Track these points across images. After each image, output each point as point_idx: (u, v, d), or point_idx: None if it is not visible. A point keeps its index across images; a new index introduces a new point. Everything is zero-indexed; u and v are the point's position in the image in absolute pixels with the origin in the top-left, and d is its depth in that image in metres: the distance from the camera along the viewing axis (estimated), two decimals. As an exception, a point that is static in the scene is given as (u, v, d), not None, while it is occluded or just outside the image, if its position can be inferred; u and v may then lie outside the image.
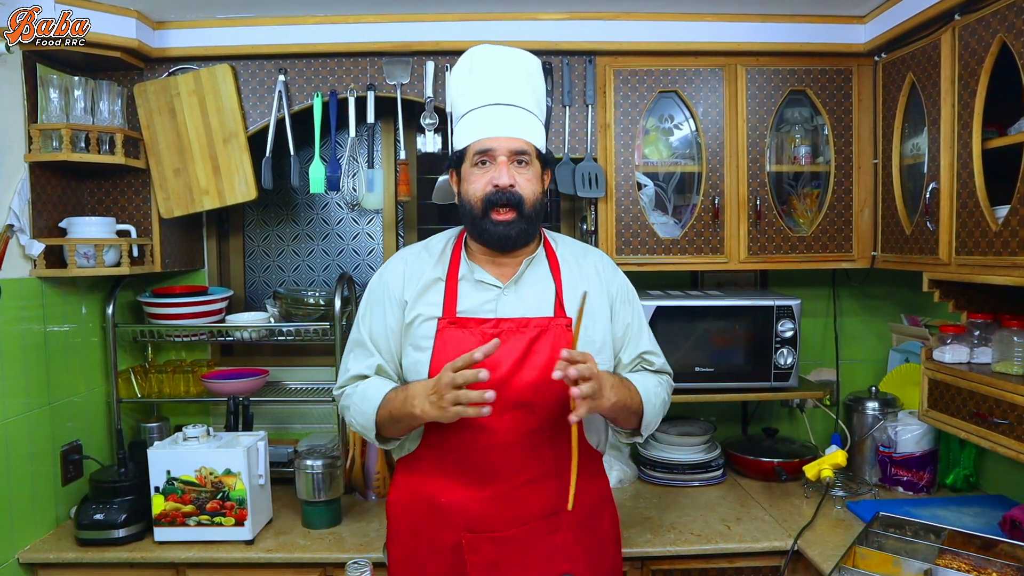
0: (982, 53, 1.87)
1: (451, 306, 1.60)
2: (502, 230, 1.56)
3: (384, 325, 1.66)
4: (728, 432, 2.84)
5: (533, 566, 1.59)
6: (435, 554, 1.61)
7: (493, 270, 1.64)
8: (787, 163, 2.51)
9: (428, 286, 1.63)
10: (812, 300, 2.79)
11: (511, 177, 1.55)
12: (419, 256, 1.70)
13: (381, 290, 1.68)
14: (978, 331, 2.04)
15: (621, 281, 1.74)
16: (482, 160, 1.57)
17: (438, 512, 1.61)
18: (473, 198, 1.58)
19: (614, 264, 1.78)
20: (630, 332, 1.71)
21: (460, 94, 1.64)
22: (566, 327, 1.59)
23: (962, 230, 1.96)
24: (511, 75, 1.61)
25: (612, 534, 1.76)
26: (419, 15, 2.33)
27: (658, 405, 1.66)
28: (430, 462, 1.63)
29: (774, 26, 2.38)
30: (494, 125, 1.56)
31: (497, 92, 1.59)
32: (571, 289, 1.64)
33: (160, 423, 2.60)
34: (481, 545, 1.57)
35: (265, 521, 2.23)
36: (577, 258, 1.71)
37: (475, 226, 1.60)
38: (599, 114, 2.41)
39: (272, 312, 2.56)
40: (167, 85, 2.35)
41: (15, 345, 2.10)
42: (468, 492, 1.59)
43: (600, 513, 1.71)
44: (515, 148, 1.56)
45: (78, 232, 2.23)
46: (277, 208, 2.88)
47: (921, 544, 1.91)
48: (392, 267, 1.70)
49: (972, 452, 2.40)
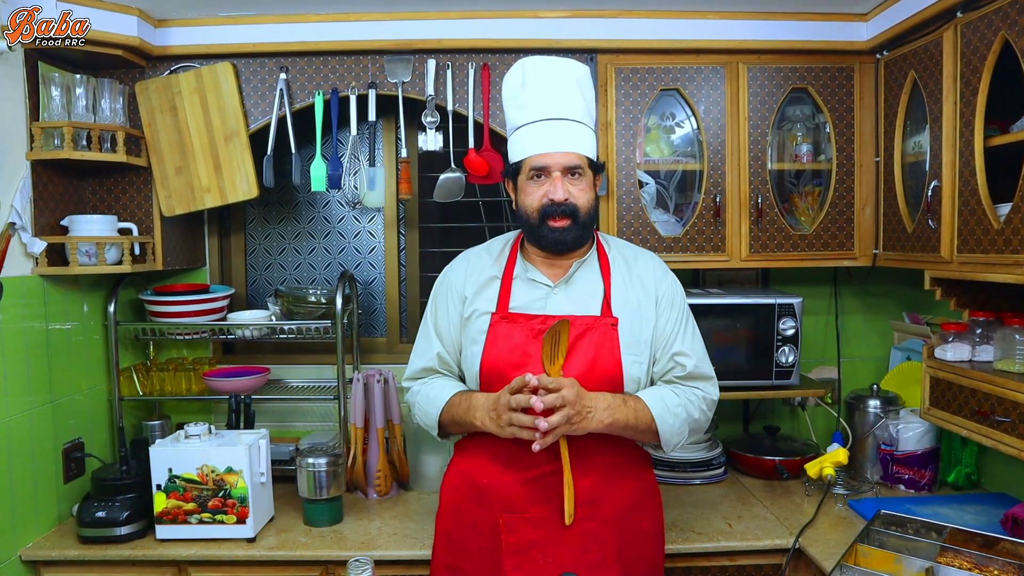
0: (984, 51, 1.86)
1: (504, 302, 1.71)
2: (558, 236, 1.66)
3: (447, 318, 1.79)
4: (729, 430, 2.84)
5: (566, 551, 1.63)
6: (476, 533, 1.70)
7: (546, 270, 1.74)
8: (788, 161, 2.51)
9: (486, 284, 1.74)
10: (814, 298, 2.79)
11: (566, 191, 1.64)
12: (480, 256, 1.82)
13: (445, 286, 1.82)
14: (980, 329, 2.04)
15: (670, 284, 1.78)
16: (537, 174, 1.66)
17: (480, 493, 1.70)
18: (530, 209, 1.67)
19: (665, 266, 1.82)
20: (671, 335, 1.74)
21: (513, 107, 1.72)
22: (611, 326, 1.67)
23: (964, 228, 1.96)
24: (562, 87, 1.67)
25: (653, 533, 1.79)
26: (420, 13, 2.33)
27: (678, 424, 1.66)
28: (476, 447, 1.74)
29: (776, 24, 2.38)
30: (548, 141, 1.64)
31: (550, 106, 1.66)
32: (619, 291, 1.72)
33: (162, 421, 2.60)
34: (517, 526, 1.65)
35: (267, 519, 2.24)
36: (628, 261, 1.78)
37: (532, 233, 1.70)
38: (600, 112, 2.40)
39: (273, 310, 2.56)
40: (168, 83, 2.35)
41: (17, 343, 2.10)
42: (507, 475, 1.67)
43: (642, 510, 1.75)
44: (569, 164, 1.65)
45: (80, 230, 2.23)
46: (278, 206, 2.89)
47: (923, 542, 1.90)
48: (456, 266, 1.84)
49: (974, 450, 2.40)
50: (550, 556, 1.63)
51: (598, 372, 1.63)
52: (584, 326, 1.66)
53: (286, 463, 2.49)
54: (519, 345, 1.66)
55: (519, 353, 1.65)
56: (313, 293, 2.57)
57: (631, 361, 1.67)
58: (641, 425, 1.62)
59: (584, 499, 1.65)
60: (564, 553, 1.64)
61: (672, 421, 1.65)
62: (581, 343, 1.64)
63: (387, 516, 2.29)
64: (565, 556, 1.63)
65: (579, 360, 1.63)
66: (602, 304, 1.69)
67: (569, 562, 1.63)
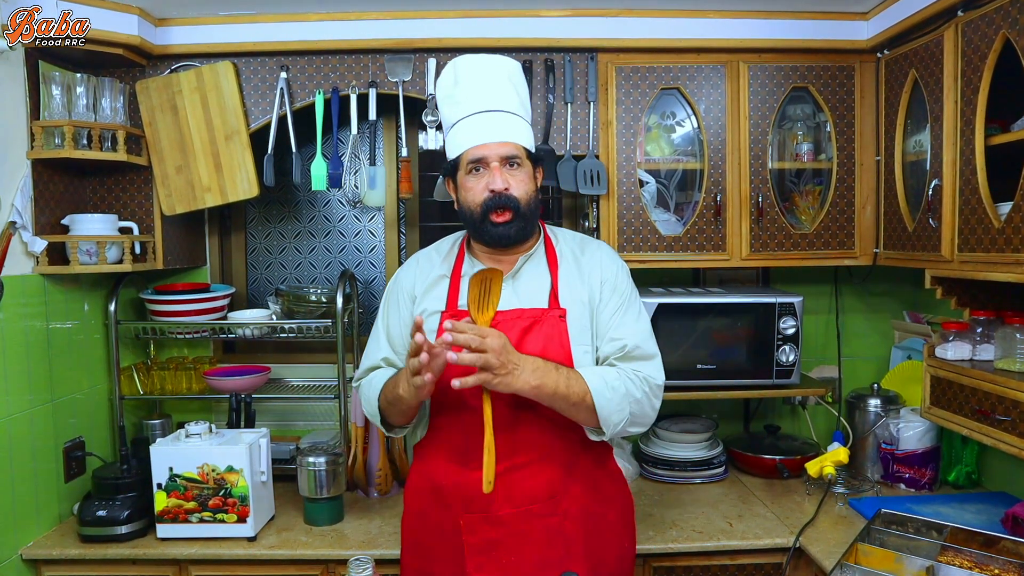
0: (985, 49, 1.86)
1: (453, 300, 1.70)
2: (501, 231, 1.64)
3: (398, 319, 1.77)
4: (730, 429, 2.84)
5: (530, 549, 1.62)
6: (440, 535, 1.68)
7: (492, 265, 1.71)
8: (789, 160, 2.51)
9: (435, 283, 1.74)
10: (814, 297, 2.79)
11: (505, 181, 1.62)
12: (429, 257, 1.82)
13: (396, 289, 1.81)
14: (980, 328, 2.04)
15: (616, 269, 1.75)
16: (476, 167, 1.65)
17: (441, 495, 1.68)
18: (472, 204, 1.66)
19: (614, 255, 1.80)
20: (611, 316, 1.70)
21: (448, 105, 1.71)
22: (559, 317, 1.66)
23: (964, 227, 1.96)
24: (495, 81, 1.68)
25: (619, 525, 1.77)
26: (421, 12, 2.32)
27: (617, 400, 1.58)
28: (434, 447, 1.73)
29: (776, 23, 2.38)
30: (484, 132, 1.64)
31: (483, 99, 1.66)
32: (567, 282, 1.71)
33: (162, 420, 2.60)
34: (478, 526, 1.63)
35: (267, 518, 2.24)
36: (575, 252, 1.77)
37: (476, 229, 1.69)
38: (601, 111, 2.40)
39: (274, 309, 2.56)
40: (169, 82, 2.35)
41: (18, 342, 2.10)
42: (466, 474, 1.64)
43: (606, 501, 1.74)
44: (506, 153, 1.64)
45: (80, 229, 2.23)
46: (279, 205, 2.89)
47: (923, 541, 1.90)
48: (406, 268, 1.83)
49: (974, 449, 2.40)
50: (514, 555, 1.62)
51: None
52: (532, 319, 1.65)
53: (287, 462, 2.49)
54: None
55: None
56: (314, 292, 2.57)
57: (581, 352, 1.65)
58: (573, 396, 1.54)
59: (544, 494, 1.63)
60: (528, 551, 1.62)
61: (610, 395, 1.57)
62: (530, 336, 1.63)
63: (388, 515, 2.29)
64: (529, 554, 1.62)
65: (529, 352, 1.60)
66: (549, 296, 1.68)
67: (534, 559, 1.61)
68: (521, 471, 1.63)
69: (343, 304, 2.43)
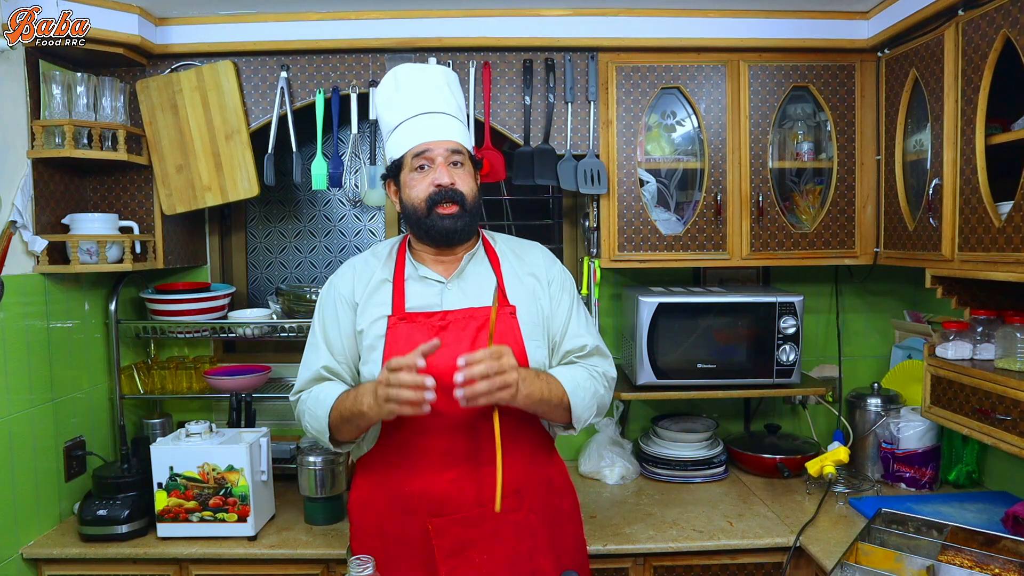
0: (985, 49, 1.86)
1: (399, 303, 1.69)
2: (448, 224, 1.65)
3: (337, 327, 1.73)
4: (730, 429, 2.84)
5: (502, 546, 1.63)
6: (404, 547, 1.65)
7: (436, 267, 1.73)
8: (790, 159, 2.51)
9: (377, 287, 1.72)
10: (814, 296, 2.79)
11: (451, 176, 1.64)
12: (367, 261, 1.79)
13: (333, 296, 1.77)
14: (981, 327, 2.04)
15: (559, 270, 1.81)
16: (421, 164, 1.65)
17: (403, 502, 1.65)
18: (416, 200, 1.66)
19: (552, 256, 1.85)
20: (567, 317, 1.75)
21: (389, 110, 1.72)
22: (510, 314, 1.68)
23: (965, 226, 1.96)
24: (433, 86, 1.71)
25: (572, 515, 1.81)
26: (422, 11, 2.32)
27: (588, 398, 1.65)
28: (393, 454, 1.68)
29: (777, 22, 2.37)
30: (427, 131, 1.66)
31: (425, 102, 1.68)
32: (512, 280, 1.73)
33: (163, 419, 2.60)
34: (448, 528, 1.62)
35: (268, 517, 2.24)
36: (515, 251, 1.80)
37: (420, 225, 1.68)
38: (601, 111, 2.40)
39: (274, 309, 2.56)
40: (169, 81, 2.35)
41: (18, 341, 2.10)
42: (432, 476, 1.63)
43: (559, 492, 1.77)
44: (451, 148, 1.66)
45: (81, 228, 2.23)
46: (279, 205, 2.89)
47: (924, 540, 1.90)
48: (341, 274, 1.80)
49: (975, 448, 2.40)
50: (486, 553, 1.62)
51: None
52: (484, 317, 1.65)
53: (287, 461, 2.49)
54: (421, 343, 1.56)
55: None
56: (314, 291, 2.57)
57: (534, 347, 1.67)
58: (554, 399, 1.59)
59: (510, 491, 1.63)
60: (499, 548, 1.62)
61: (583, 395, 1.63)
62: (484, 333, 1.63)
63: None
64: (501, 551, 1.62)
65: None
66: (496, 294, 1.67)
67: (505, 556, 1.62)
68: (485, 469, 1.61)
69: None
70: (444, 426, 1.61)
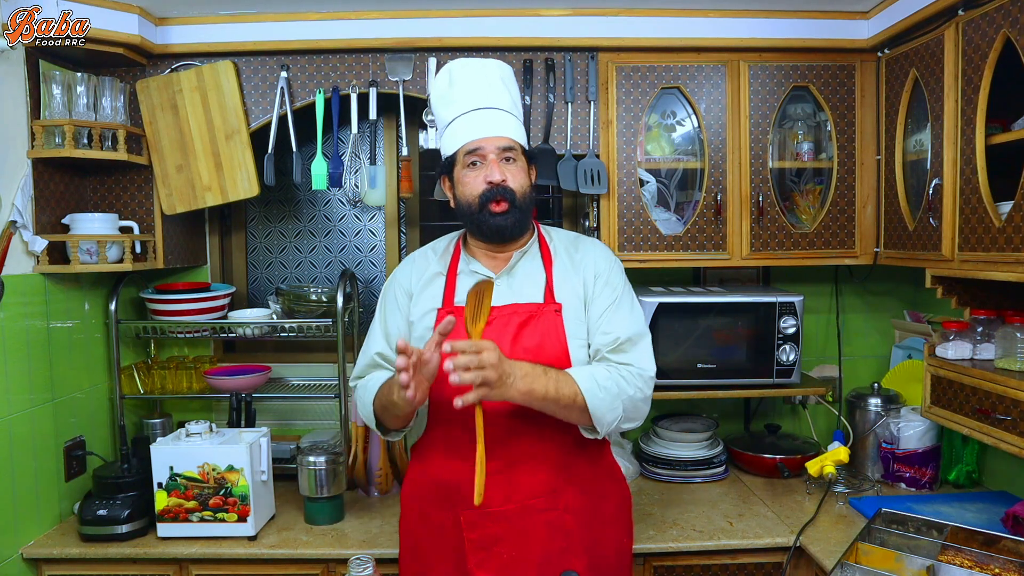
0: (985, 48, 1.86)
1: (449, 297, 1.71)
2: (499, 221, 1.66)
3: (396, 314, 1.78)
4: (730, 429, 2.84)
5: (531, 544, 1.63)
6: (440, 534, 1.69)
7: (488, 262, 1.74)
8: (790, 159, 2.51)
9: (431, 281, 1.75)
10: (814, 296, 2.79)
11: (502, 173, 1.65)
12: (425, 255, 1.83)
13: (394, 286, 1.81)
14: (981, 327, 2.04)
15: (609, 264, 1.76)
16: (473, 161, 1.67)
17: (441, 492, 1.69)
18: (470, 197, 1.68)
19: (608, 252, 1.80)
20: (604, 309, 1.70)
21: (443, 105, 1.74)
22: (555, 312, 1.67)
23: (965, 226, 1.96)
24: (488, 82, 1.71)
25: (617, 518, 1.78)
26: (421, 11, 2.32)
27: (609, 399, 1.57)
28: (435, 443, 1.73)
29: (777, 22, 2.37)
30: (480, 127, 1.67)
31: (478, 98, 1.69)
32: (561, 278, 1.72)
33: (163, 419, 2.60)
34: (479, 522, 1.63)
35: (268, 517, 2.24)
36: (568, 249, 1.78)
37: (473, 221, 1.70)
38: (601, 111, 2.40)
39: (274, 309, 2.56)
40: (169, 81, 2.35)
41: (18, 341, 2.10)
42: (466, 471, 1.62)
43: (603, 495, 1.75)
44: (503, 145, 1.67)
45: (81, 228, 2.23)
46: (279, 205, 2.89)
47: (924, 540, 1.90)
48: (403, 267, 1.85)
49: (975, 448, 2.40)
50: (515, 550, 1.62)
51: (545, 358, 1.60)
52: (528, 313, 1.66)
53: (287, 461, 2.49)
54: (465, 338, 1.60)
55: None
56: (314, 291, 2.57)
57: (577, 346, 1.66)
58: (564, 398, 1.53)
59: (544, 489, 1.65)
60: (529, 546, 1.63)
61: (602, 395, 1.55)
62: (526, 331, 1.64)
63: (388, 514, 2.29)
64: (530, 549, 1.62)
65: (525, 347, 1.62)
66: (544, 291, 1.69)
67: (535, 554, 1.62)
68: (521, 466, 1.64)
69: (343, 303, 2.43)
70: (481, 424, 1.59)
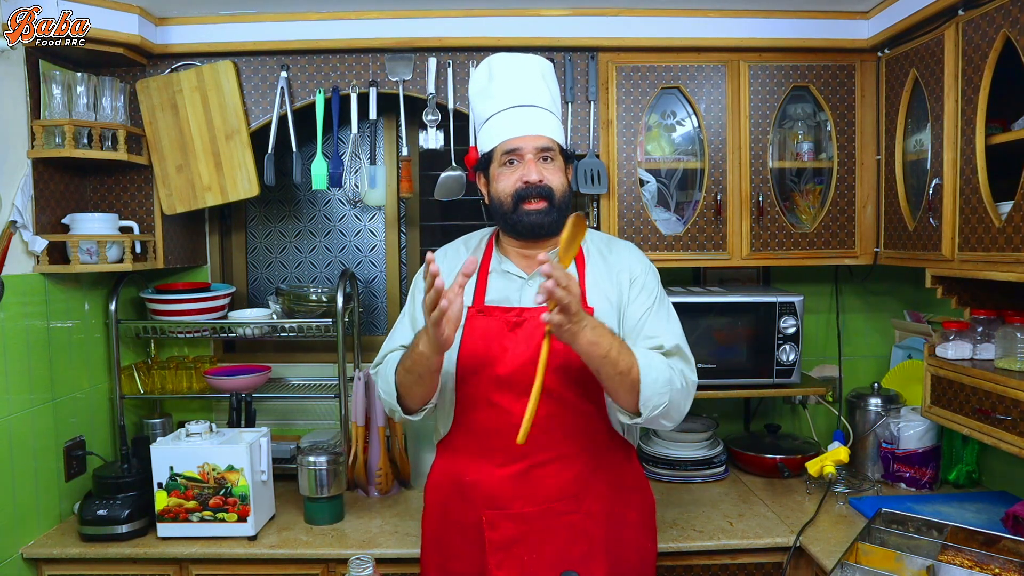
0: (986, 48, 1.86)
1: (480, 296, 1.70)
2: (535, 219, 1.64)
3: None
4: (730, 429, 2.84)
5: (551, 546, 1.63)
6: (461, 532, 1.69)
7: (520, 262, 1.72)
8: (790, 159, 2.51)
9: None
10: (815, 296, 2.79)
11: (539, 173, 1.63)
12: (457, 250, 1.82)
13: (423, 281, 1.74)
14: (981, 327, 2.04)
15: (644, 268, 1.74)
16: (510, 160, 1.66)
17: (464, 491, 1.68)
18: (503, 195, 1.66)
19: (641, 255, 1.80)
20: (643, 315, 1.67)
21: (482, 101, 1.73)
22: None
23: (965, 226, 1.96)
24: (528, 78, 1.70)
25: (640, 523, 1.78)
26: (421, 11, 2.32)
27: (662, 383, 1.52)
28: (460, 442, 1.72)
29: (777, 22, 2.37)
30: (519, 125, 1.65)
31: (518, 95, 1.68)
32: (594, 281, 1.71)
33: (163, 419, 2.60)
34: (500, 522, 1.64)
35: (268, 517, 2.24)
36: (602, 251, 1.77)
37: (507, 220, 1.68)
38: (601, 110, 2.40)
39: (274, 309, 2.56)
40: (169, 81, 2.35)
41: (18, 341, 2.10)
42: (490, 470, 1.65)
43: (627, 501, 1.74)
44: (541, 145, 1.65)
45: (81, 228, 2.23)
46: (279, 205, 2.89)
47: (924, 540, 1.90)
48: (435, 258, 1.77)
49: (975, 448, 2.40)
50: (535, 552, 1.62)
51: (576, 362, 1.56)
52: None
53: (287, 461, 2.49)
54: (495, 338, 1.63)
55: (496, 347, 1.63)
56: (314, 291, 2.57)
57: None
58: (621, 364, 1.48)
59: (567, 492, 1.64)
60: (549, 548, 1.62)
61: (655, 375, 1.51)
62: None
63: (388, 514, 2.29)
64: (550, 551, 1.62)
65: (555, 350, 1.55)
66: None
67: (555, 557, 1.61)
68: (544, 468, 1.63)
69: (343, 303, 2.43)
70: (509, 422, 1.57)
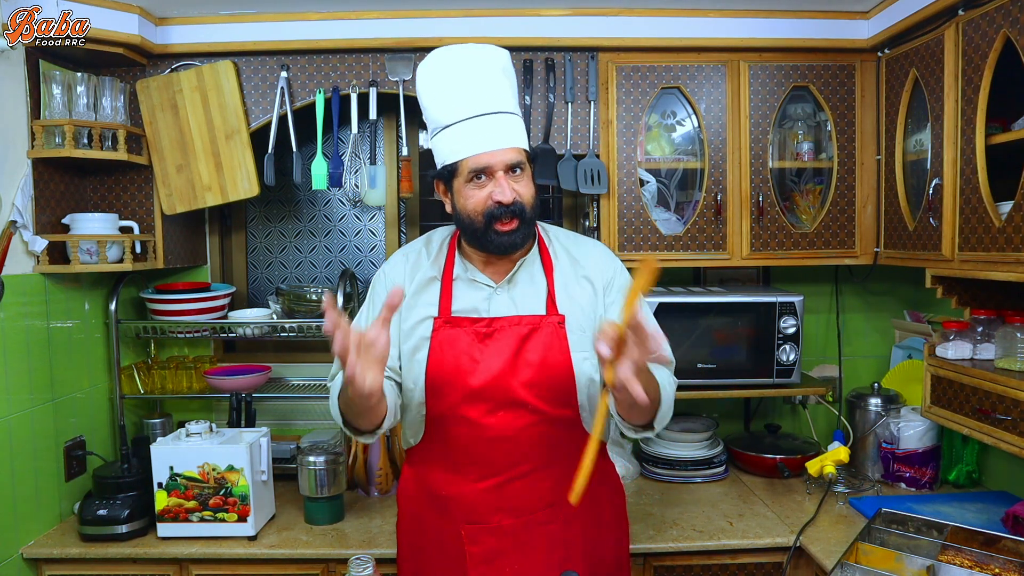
0: (985, 48, 1.86)
1: (447, 306, 1.61)
2: (507, 239, 1.53)
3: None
4: (730, 428, 2.84)
5: (532, 557, 1.61)
6: (439, 546, 1.66)
7: (487, 270, 1.63)
8: (790, 159, 2.51)
9: (425, 285, 1.64)
10: (815, 296, 2.79)
11: (512, 191, 1.51)
12: (419, 255, 1.69)
13: (385, 283, 1.68)
14: (981, 327, 2.04)
15: (617, 269, 1.69)
16: (478, 175, 1.52)
17: (440, 504, 1.65)
18: (473, 213, 1.53)
19: (610, 253, 1.73)
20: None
21: (436, 103, 1.55)
22: (558, 324, 1.59)
23: (965, 226, 1.96)
24: (490, 78, 1.54)
25: (615, 523, 1.76)
26: (421, 11, 2.32)
27: (671, 395, 1.53)
28: (432, 456, 1.66)
29: (777, 22, 2.37)
30: (486, 139, 1.50)
31: (481, 101, 1.52)
32: (563, 286, 1.63)
33: (163, 419, 2.60)
34: (479, 536, 1.61)
35: (268, 517, 2.24)
36: (569, 251, 1.68)
37: (476, 236, 1.56)
38: (601, 110, 2.40)
39: (274, 308, 2.56)
40: (169, 81, 2.35)
41: (18, 341, 2.10)
42: (466, 485, 1.61)
43: (600, 502, 1.72)
44: (511, 161, 1.52)
45: (81, 228, 2.23)
46: (279, 204, 2.89)
47: (924, 540, 1.90)
48: (394, 262, 1.71)
49: (975, 448, 2.40)
50: (516, 564, 1.60)
51: (547, 372, 1.55)
52: (530, 326, 1.57)
53: (287, 461, 2.50)
54: (465, 350, 1.56)
55: (466, 359, 1.56)
56: (314, 291, 2.57)
57: (582, 358, 1.57)
58: (651, 393, 1.35)
59: (546, 502, 1.61)
60: (530, 558, 1.60)
61: (670, 391, 1.52)
62: (529, 343, 1.56)
63: (388, 514, 2.29)
64: (531, 561, 1.60)
65: (528, 361, 1.55)
66: (546, 302, 1.60)
67: (536, 566, 1.60)
68: (522, 480, 1.60)
69: (344, 303, 2.43)
70: (483, 437, 1.56)
